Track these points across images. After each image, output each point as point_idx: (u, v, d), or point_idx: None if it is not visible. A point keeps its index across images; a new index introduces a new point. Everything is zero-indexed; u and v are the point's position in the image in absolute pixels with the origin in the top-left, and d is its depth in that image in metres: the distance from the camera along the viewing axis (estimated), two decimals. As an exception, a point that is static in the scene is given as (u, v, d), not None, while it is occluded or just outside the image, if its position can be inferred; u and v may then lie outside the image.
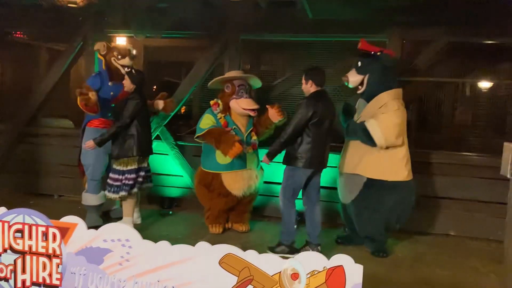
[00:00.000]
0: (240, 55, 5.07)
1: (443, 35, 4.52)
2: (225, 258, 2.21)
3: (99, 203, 4.45)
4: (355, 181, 3.92)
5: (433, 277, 3.60)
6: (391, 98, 3.82)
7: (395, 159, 3.83)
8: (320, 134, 3.70)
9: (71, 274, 2.39)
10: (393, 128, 3.73)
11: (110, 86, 4.40)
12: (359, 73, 3.93)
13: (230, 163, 4.15)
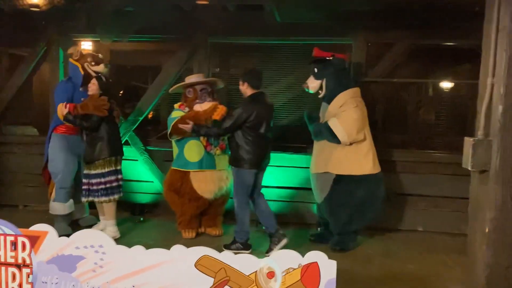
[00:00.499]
0: (209, 58, 5.08)
1: (405, 38, 4.70)
2: (201, 260, 2.21)
3: (68, 212, 4.34)
4: (325, 179, 4.06)
5: (402, 271, 3.70)
6: (349, 97, 4.04)
7: (360, 154, 4.03)
8: (258, 135, 3.84)
9: (43, 284, 2.33)
10: (353, 124, 3.94)
11: (81, 92, 4.32)
12: (317, 79, 4.13)
13: (198, 162, 4.20)
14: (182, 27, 4.96)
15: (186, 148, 4.26)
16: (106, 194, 4.12)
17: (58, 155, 4.32)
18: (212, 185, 4.20)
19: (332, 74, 4.06)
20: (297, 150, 4.87)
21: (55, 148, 4.34)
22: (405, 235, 4.72)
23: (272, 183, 4.90)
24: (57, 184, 4.31)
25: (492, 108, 1.64)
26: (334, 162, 4.02)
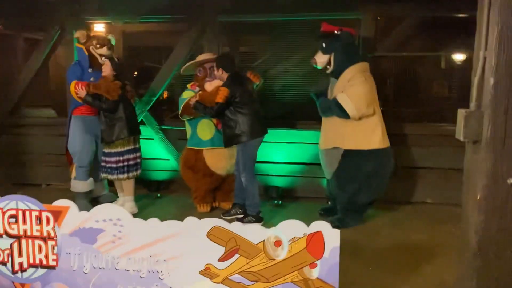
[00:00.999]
0: (219, 37, 5.14)
1: (415, 11, 4.67)
2: (212, 230, 2.35)
3: (88, 189, 4.55)
4: (334, 154, 4.12)
5: (410, 241, 3.82)
6: (357, 71, 4.03)
7: (368, 129, 4.05)
8: (247, 108, 4.01)
9: (67, 255, 2.50)
10: (362, 98, 3.94)
11: (90, 73, 4.46)
12: (325, 53, 4.12)
13: (210, 140, 4.35)
14: (191, 7, 5.01)
15: (199, 127, 4.41)
16: (124, 171, 4.31)
17: (76, 135, 4.50)
18: (224, 161, 4.34)
19: (340, 48, 4.04)
20: (306, 126, 4.94)
21: (73, 129, 4.53)
22: (414, 207, 4.81)
23: (282, 159, 5.03)
24: (76, 163, 4.51)
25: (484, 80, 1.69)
26: (342, 137, 4.06)
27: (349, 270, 3.11)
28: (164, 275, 2.42)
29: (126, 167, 4.33)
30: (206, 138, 4.39)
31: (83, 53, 4.47)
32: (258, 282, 2.35)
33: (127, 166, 4.34)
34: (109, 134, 4.25)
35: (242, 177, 4.09)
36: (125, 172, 4.33)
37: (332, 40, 4.08)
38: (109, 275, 2.47)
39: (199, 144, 4.42)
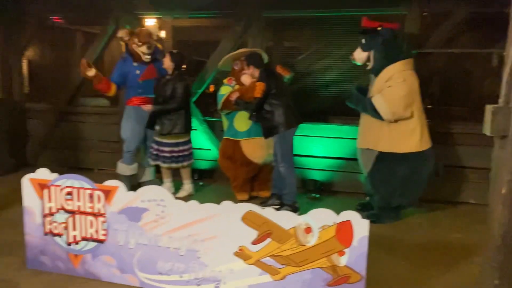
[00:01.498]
0: (263, 32, 5.26)
1: (462, 6, 4.55)
2: (247, 214, 2.50)
3: (131, 173, 4.88)
4: (368, 155, 4.08)
5: (446, 239, 3.79)
6: (397, 70, 3.86)
7: (405, 131, 3.90)
8: (281, 100, 4.13)
9: (115, 231, 2.75)
10: (399, 101, 3.78)
11: (135, 66, 4.75)
12: (364, 50, 4.02)
13: (247, 131, 4.52)
14: (237, 2, 5.17)
15: (236, 119, 4.59)
16: (179, 161, 4.68)
17: (127, 123, 4.81)
18: (261, 150, 4.49)
19: (380, 45, 3.92)
20: (347, 121, 4.97)
21: (125, 117, 4.85)
22: (456, 207, 4.73)
23: (322, 153, 5.10)
24: (124, 148, 4.84)
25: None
26: (377, 139, 3.97)
27: (381, 262, 3.16)
28: (201, 254, 2.60)
29: (181, 157, 4.69)
30: (243, 130, 4.57)
31: (127, 49, 4.76)
32: (288, 266, 2.47)
33: (182, 156, 4.70)
34: (167, 127, 4.55)
35: (280, 167, 4.19)
36: (180, 161, 4.69)
37: (373, 36, 3.97)
38: (151, 252, 2.69)
39: (236, 135, 4.60)
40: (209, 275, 2.61)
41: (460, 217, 4.42)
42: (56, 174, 2.85)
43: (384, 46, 3.93)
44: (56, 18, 6.40)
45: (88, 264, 2.83)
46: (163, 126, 4.60)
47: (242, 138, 4.57)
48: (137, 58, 4.73)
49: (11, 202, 4.47)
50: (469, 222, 4.21)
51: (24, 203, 2.92)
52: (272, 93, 4.11)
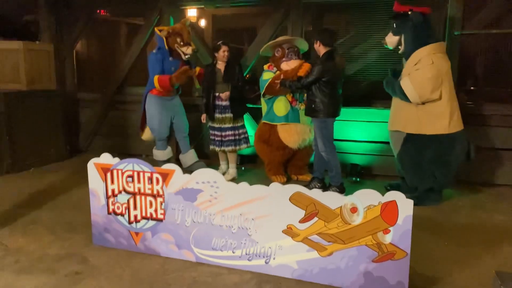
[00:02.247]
0: (302, 18, 5.33)
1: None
2: (294, 195, 2.65)
3: (167, 158, 5.18)
4: (397, 137, 4.17)
5: (489, 221, 3.82)
6: (426, 53, 3.90)
7: (433, 113, 3.94)
8: (330, 88, 4.17)
9: (172, 210, 2.98)
10: (427, 83, 3.83)
11: (170, 61, 4.95)
12: (395, 34, 4.11)
13: (285, 116, 4.65)
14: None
15: (275, 104, 4.73)
16: (229, 145, 4.92)
17: (155, 113, 5.04)
18: (296, 136, 4.62)
19: (409, 29, 3.98)
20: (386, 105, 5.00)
21: (152, 107, 5.05)
22: (499, 190, 4.71)
23: (361, 137, 5.17)
24: (155, 136, 5.12)
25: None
26: (405, 121, 4.05)
27: (424, 243, 3.27)
28: (251, 232, 2.79)
29: (241, 139, 4.94)
30: (281, 114, 4.70)
31: (163, 43, 4.87)
32: (335, 243, 2.62)
33: (243, 138, 4.95)
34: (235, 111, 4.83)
35: (322, 152, 4.32)
36: (239, 144, 4.94)
37: (403, 20, 4.03)
38: (206, 229, 2.90)
39: (274, 120, 4.75)
40: (259, 251, 2.79)
41: (503, 199, 4.41)
42: (117, 159, 3.10)
43: (414, 30, 3.99)
44: (102, 11, 6.71)
45: (148, 241, 3.08)
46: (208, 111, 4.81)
47: (279, 122, 4.71)
48: (175, 55, 4.92)
49: (71, 185, 4.86)
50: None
51: (90, 185, 3.20)
52: (324, 80, 4.14)
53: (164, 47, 4.90)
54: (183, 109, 5.28)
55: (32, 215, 3.91)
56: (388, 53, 5.05)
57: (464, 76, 5.10)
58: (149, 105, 5.05)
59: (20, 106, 5.44)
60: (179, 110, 5.22)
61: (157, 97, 5.01)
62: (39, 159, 5.75)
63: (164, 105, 5.05)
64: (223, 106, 4.85)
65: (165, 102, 5.06)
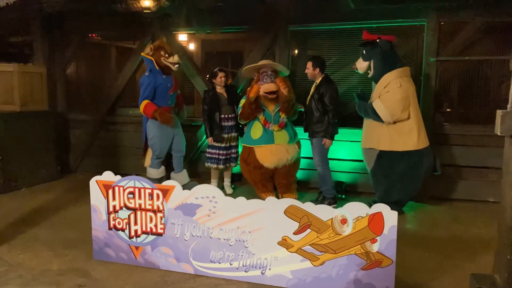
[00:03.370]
0: (289, 44, 5.65)
1: (479, 16, 4.87)
2: (288, 208, 2.86)
3: (160, 176, 5.30)
4: (370, 154, 4.49)
5: (468, 234, 4.08)
6: (394, 77, 4.30)
7: (403, 131, 4.32)
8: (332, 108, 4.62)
9: (172, 225, 3.13)
10: (397, 104, 4.22)
11: (164, 79, 5.08)
12: (365, 60, 4.49)
13: (259, 138, 4.86)
14: (265, 18, 5.58)
15: (252, 128, 4.97)
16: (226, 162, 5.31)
17: (156, 133, 5.15)
18: (271, 156, 4.79)
19: (379, 55, 4.37)
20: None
21: (153, 127, 5.15)
22: (476, 205, 5.00)
23: (346, 156, 5.44)
24: (155, 155, 5.22)
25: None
26: (377, 139, 4.39)
27: (407, 253, 3.49)
28: (248, 244, 2.97)
29: (228, 159, 5.29)
30: (256, 137, 4.91)
31: (153, 63, 4.99)
32: (326, 253, 2.82)
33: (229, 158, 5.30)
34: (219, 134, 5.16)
35: (318, 167, 4.72)
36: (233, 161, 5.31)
37: (372, 47, 4.43)
38: (204, 242, 3.06)
39: (250, 142, 4.96)
40: (256, 262, 2.97)
41: (480, 214, 4.69)
42: (119, 176, 3.26)
43: (382, 56, 4.39)
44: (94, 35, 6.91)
45: (148, 254, 3.22)
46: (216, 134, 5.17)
47: (255, 145, 4.91)
48: (166, 71, 5.07)
49: (65, 204, 4.95)
50: (489, 219, 4.49)
51: (91, 201, 3.33)
52: (324, 100, 4.58)
53: (154, 67, 5.00)
54: (181, 128, 5.45)
55: (29, 233, 4.00)
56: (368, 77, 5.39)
57: (440, 99, 5.45)
58: (151, 125, 5.16)
59: (13, 127, 5.54)
60: (179, 129, 5.39)
61: None
62: (30, 179, 5.82)
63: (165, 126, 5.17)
64: (229, 127, 5.20)
65: None
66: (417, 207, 4.98)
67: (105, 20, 6.18)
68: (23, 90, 5.71)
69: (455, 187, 5.18)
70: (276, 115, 4.86)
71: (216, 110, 5.14)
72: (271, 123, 4.82)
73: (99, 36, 7.06)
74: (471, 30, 5.03)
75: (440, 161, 4.69)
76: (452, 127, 5.22)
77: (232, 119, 5.21)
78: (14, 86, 5.64)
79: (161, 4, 5.04)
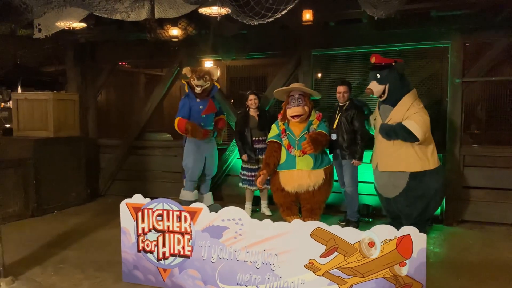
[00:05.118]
0: (312, 68, 5.72)
1: (502, 37, 4.84)
2: (315, 231, 2.86)
3: (194, 199, 5.35)
4: (400, 176, 4.38)
5: (500, 259, 3.95)
6: (413, 99, 4.39)
7: (428, 150, 4.41)
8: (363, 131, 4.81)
9: (199, 247, 3.17)
10: (427, 123, 4.30)
11: (198, 102, 5.28)
12: (380, 84, 4.44)
13: (283, 163, 4.86)
14: (289, 43, 5.71)
15: None
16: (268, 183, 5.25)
17: (189, 154, 5.33)
18: (292, 181, 4.77)
19: (395, 79, 4.38)
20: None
21: (187, 149, 5.36)
22: (508, 229, 4.85)
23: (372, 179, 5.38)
24: (187, 177, 5.35)
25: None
26: (407, 161, 4.34)
27: (438, 278, 3.41)
28: (275, 267, 2.97)
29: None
30: (281, 161, 4.91)
31: (188, 88, 5.29)
32: (354, 277, 2.79)
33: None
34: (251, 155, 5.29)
35: (348, 188, 4.81)
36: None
37: (388, 71, 4.41)
38: (231, 265, 3.08)
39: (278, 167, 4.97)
40: (283, 285, 2.96)
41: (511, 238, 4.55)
42: (148, 199, 3.34)
43: (399, 79, 4.43)
44: (124, 63, 7.19)
45: (175, 277, 3.26)
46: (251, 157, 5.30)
47: (279, 169, 4.91)
48: (198, 94, 5.26)
49: (94, 227, 5.07)
50: (523, 243, 4.35)
51: (121, 224, 3.42)
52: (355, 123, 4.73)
53: (190, 91, 5.29)
54: (217, 152, 5.60)
55: (60, 255, 4.11)
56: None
57: (468, 120, 5.38)
58: (187, 147, 5.36)
59: (47, 152, 5.77)
60: (213, 152, 5.52)
61: (194, 139, 5.29)
62: (62, 203, 5.99)
63: (200, 147, 5.33)
64: (260, 149, 5.31)
65: (201, 144, 5.34)
66: (447, 231, 4.87)
67: (134, 49, 6.43)
68: (57, 116, 5.95)
69: (486, 210, 5.03)
70: (300, 140, 4.87)
71: (247, 131, 5.31)
72: (294, 148, 4.79)
73: (128, 64, 7.34)
74: (497, 50, 4.99)
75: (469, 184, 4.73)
76: (481, 148, 5.12)
77: (263, 142, 5.30)
78: (49, 113, 5.89)
79: (188, 32, 5.22)
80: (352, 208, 4.87)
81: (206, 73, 5.27)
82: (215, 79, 5.37)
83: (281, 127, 4.91)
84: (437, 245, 4.38)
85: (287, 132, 4.87)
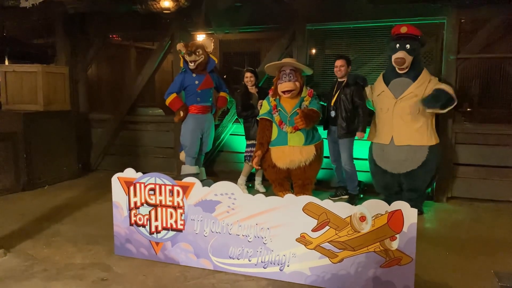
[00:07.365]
0: (307, 43, 5.64)
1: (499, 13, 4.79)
2: (307, 205, 2.87)
3: (195, 173, 5.33)
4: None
5: (489, 234, 4.01)
6: (430, 74, 4.55)
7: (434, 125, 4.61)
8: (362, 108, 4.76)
9: (191, 221, 3.18)
10: None
11: (194, 77, 5.22)
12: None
13: (275, 139, 4.85)
14: (283, 17, 5.60)
15: None
16: None
17: (187, 130, 5.28)
18: (283, 157, 4.77)
19: (420, 52, 4.43)
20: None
21: (185, 124, 5.30)
22: (497, 205, 4.91)
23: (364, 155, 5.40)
24: (186, 153, 5.32)
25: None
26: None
27: (427, 252, 3.46)
28: (267, 240, 2.99)
29: None
30: (273, 138, 4.89)
31: (184, 62, 5.23)
32: (345, 250, 2.82)
33: None
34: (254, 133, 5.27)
35: (346, 165, 4.89)
36: None
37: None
38: (223, 238, 3.10)
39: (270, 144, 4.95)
40: (274, 259, 2.99)
41: (501, 214, 4.62)
42: (140, 173, 3.32)
43: (419, 53, 4.47)
44: (115, 36, 7.03)
45: (168, 250, 3.27)
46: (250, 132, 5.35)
47: (270, 146, 4.90)
48: (193, 69, 5.18)
49: (86, 201, 5.06)
50: (511, 219, 4.42)
51: (113, 198, 3.40)
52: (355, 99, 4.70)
53: (186, 66, 5.23)
54: (213, 128, 5.56)
55: (52, 229, 4.10)
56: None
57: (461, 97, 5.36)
58: (185, 122, 5.31)
59: (37, 126, 5.69)
60: (210, 128, 5.47)
61: (191, 114, 5.26)
62: (53, 177, 5.96)
63: (197, 122, 5.28)
64: None
65: (199, 118, 5.30)
66: (437, 207, 4.93)
67: (125, 21, 6.29)
68: (47, 90, 5.84)
69: (476, 187, 5.09)
70: (292, 116, 4.84)
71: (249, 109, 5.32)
72: (286, 125, 4.75)
73: (119, 37, 7.18)
74: (492, 28, 4.94)
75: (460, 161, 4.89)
76: (473, 126, 5.13)
77: None
78: (38, 86, 5.78)
79: (180, 4, 5.10)
80: (353, 183, 4.99)
81: (199, 47, 5.17)
82: (209, 51, 5.27)
83: (272, 103, 4.86)
84: (427, 220, 4.44)
85: (278, 108, 4.83)
